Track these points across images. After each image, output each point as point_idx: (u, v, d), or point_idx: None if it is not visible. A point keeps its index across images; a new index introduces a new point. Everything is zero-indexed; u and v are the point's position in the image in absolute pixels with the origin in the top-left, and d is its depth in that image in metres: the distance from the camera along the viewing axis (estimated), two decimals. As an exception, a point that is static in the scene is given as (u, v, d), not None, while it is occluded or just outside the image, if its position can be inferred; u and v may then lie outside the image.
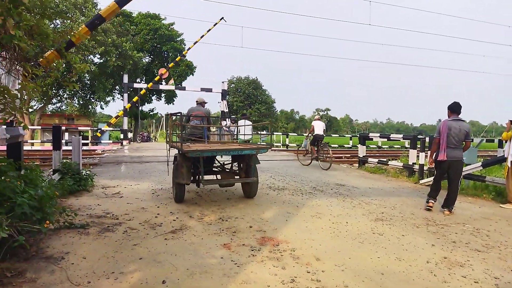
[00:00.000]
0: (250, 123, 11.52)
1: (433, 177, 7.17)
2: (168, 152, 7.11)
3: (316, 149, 12.40)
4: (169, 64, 28.84)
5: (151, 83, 27.37)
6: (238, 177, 6.72)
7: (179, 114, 6.31)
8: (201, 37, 27.00)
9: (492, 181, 7.54)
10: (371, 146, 29.76)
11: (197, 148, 6.00)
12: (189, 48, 28.63)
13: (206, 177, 6.53)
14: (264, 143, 7.29)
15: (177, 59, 29.92)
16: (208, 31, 26.62)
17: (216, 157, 7.09)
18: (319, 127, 12.35)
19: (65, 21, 21.40)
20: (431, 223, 5.28)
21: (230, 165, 7.14)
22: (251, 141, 9.57)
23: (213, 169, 7.01)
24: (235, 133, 9.12)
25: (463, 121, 5.99)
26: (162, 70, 27.99)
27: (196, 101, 8.06)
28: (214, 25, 26.39)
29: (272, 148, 8.49)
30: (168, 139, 7.07)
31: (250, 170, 6.30)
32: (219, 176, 6.84)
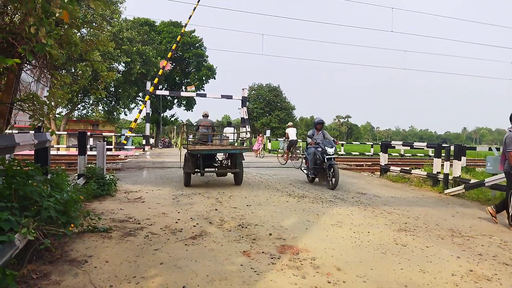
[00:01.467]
0: (234, 129, 13.54)
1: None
2: (180, 151, 10.23)
3: (290, 151, 15.25)
4: (168, 54, 28.55)
5: (157, 79, 27.26)
6: (229, 169, 9.23)
7: (187, 124, 9.70)
8: (189, 17, 27.90)
9: (521, 192, 7.25)
10: (393, 154, 29.25)
11: (198, 148, 8.72)
12: (182, 34, 29.41)
13: (208, 169, 9.22)
14: (246, 146, 10.14)
15: (177, 39, 29.81)
16: (194, 9, 27.39)
17: (217, 155, 9.65)
18: (292, 134, 15.21)
19: (91, 30, 22.09)
20: (456, 235, 5.12)
21: (226, 161, 9.67)
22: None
23: (214, 164, 9.60)
24: (233, 138, 11.36)
25: (511, 131, 5.68)
26: (163, 62, 27.64)
27: (203, 115, 10.82)
28: (198, 2, 26.71)
29: (292, 155, 11.49)
30: (181, 143, 10.33)
31: (236, 164, 8.84)
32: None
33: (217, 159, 9.75)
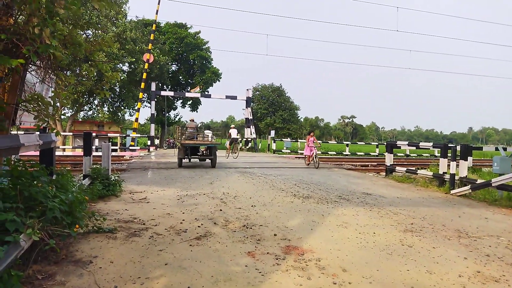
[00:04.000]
0: (211, 131, 17.66)
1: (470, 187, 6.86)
2: (176, 147, 17.80)
3: (231, 147, 19.97)
4: (148, 46, 28.00)
5: (145, 74, 26.53)
6: (207, 157, 14.08)
7: (180, 126, 15.63)
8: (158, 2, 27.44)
9: (528, 192, 7.17)
10: (398, 154, 29.11)
11: (187, 142, 13.57)
12: (155, 21, 29.08)
13: (194, 157, 14.13)
14: (217, 142, 15.37)
15: (153, 27, 28.98)
16: None
17: (200, 148, 14.33)
18: (234, 133, 19.91)
19: (96, 31, 22.21)
20: (463, 235, 5.07)
21: (206, 151, 14.33)
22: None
23: (197, 153, 14.29)
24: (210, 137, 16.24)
25: None
26: (146, 55, 26.99)
27: (190, 120, 16.01)
28: None
29: (296, 156, 18.03)
30: (176, 140, 16.00)
31: (212, 153, 13.51)
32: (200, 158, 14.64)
33: (200, 150, 14.42)
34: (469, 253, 4.31)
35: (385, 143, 14.82)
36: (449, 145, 10.56)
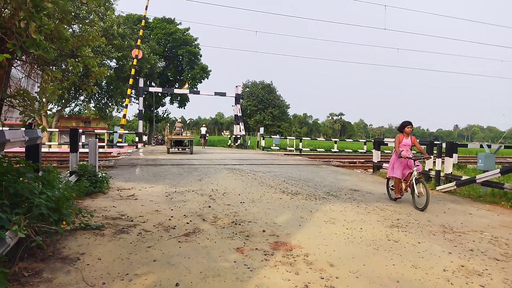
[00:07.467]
0: (185, 128, 22.74)
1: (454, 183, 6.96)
2: (166, 142, 20.91)
3: (202, 140, 26.98)
4: (137, 42, 27.48)
5: (133, 70, 26.26)
6: (187, 147, 19.49)
7: (169, 125, 22.93)
8: None
9: (511, 189, 7.34)
10: (386, 151, 29.40)
11: (172, 137, 19.62)
12: (145, 17, 28.88)
13: (178, 147, 19.80)
14: (193, 137, 22.02)
15: (142, 23, 28.63)
16: None
17: (184, 141, 19.65)
18: (203, 130, 27.34)
19: (83, 26, 21.82)
20: (448, 231, 5.18)
21: (187, 144, 19.47)
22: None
23: (181, 144, 19.55)
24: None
25: None
26: (135, 51, 26.40)
27: (178, 120, 22.31)
28: None
29: (285, 153, 21.66)
30: (166, 136, 21.33)
31: (190, 145, 19.38)
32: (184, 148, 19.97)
33: (184, 143, 19.52)
34: (453, 248, 4.40)
35: (373, 140, 14.97)
36: (435, 142, 10.73)
